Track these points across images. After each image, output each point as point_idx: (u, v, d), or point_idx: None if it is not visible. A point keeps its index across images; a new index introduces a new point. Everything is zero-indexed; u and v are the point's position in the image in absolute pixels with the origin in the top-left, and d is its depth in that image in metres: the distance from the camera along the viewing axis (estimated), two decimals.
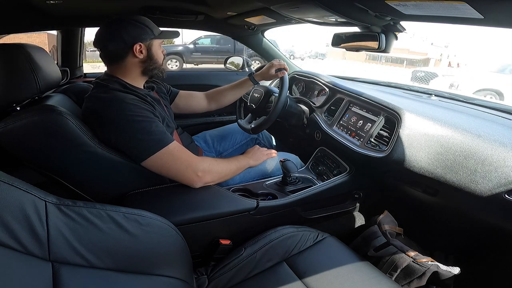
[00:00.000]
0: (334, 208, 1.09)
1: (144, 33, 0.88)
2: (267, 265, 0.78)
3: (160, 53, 0.94)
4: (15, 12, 1.10)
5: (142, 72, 0.92)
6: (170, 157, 0.82)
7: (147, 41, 0.89)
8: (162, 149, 0.81)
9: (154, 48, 0.91)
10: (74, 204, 0.53)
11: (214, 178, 0.90)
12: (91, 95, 0.85)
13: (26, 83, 0.77)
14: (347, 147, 1.06)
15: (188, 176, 0.85)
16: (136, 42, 0.86)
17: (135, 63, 0.89)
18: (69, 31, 1.58)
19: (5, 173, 0.47)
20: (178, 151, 0.84)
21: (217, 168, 0.91)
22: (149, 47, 0.90)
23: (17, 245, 0.44)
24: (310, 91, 1.50)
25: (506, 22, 0.66)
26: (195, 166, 0.85)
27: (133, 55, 0.87)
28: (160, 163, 0.82)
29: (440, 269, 0.83)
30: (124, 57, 0.88)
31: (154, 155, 0.80)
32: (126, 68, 0.89)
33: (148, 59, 0.91)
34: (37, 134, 0.72)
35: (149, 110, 0.84)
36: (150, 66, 0.92)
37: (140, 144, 0.80)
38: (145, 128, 0.80)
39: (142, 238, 0.60)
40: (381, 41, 0.95)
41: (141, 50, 0.88)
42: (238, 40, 1.81)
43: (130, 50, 0.87)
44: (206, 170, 0.87)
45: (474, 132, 0.76)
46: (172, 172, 0.85)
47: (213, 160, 0.92)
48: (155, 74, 0.95)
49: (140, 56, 0.88)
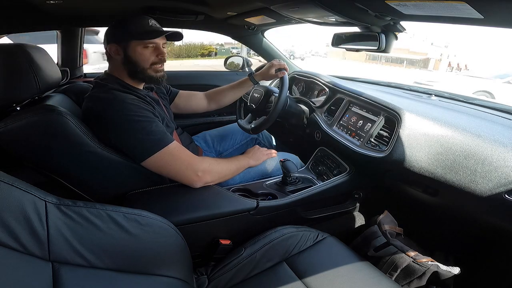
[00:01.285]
0: (334, 208, 1.09)
1: (119, 34, 0.86)
2: (267, 265, 0.78)
3: (143, 55, 0.86)
4: (15, 12, 1.10)
5: (128, 74, 0.89)
6: (170, 157, 0.82)
7: (122, 43, 0.85)
8: (162, 149, 0.81)
9: (132, 50, 0.85)
10: (74, 204, 0.53)
11: (214, 178, 0.90)
12: (91, 95, 0.85)
13: (26, 83, 0.77)
14: (347, 147, 1.06)
15: (188, 176, 0.85)
16: (110, 43, 0.86)
17: (119, 64, 0.88)
18: (69, 31, 1.58)
19: (5, 173, 0.47)
20: (178, 151, 0.84)
21: (217, 168, 0.91)
22: (124, 48, 0.86)
23: (17, 245, 0.44)
24: (310, 91, 1.50)
25: (506, 22, 0.66)
26: (195, 166, 0.85)
27: (113, 56, 0.87)
28: (160, 163, 0.82)
29: (440, 269, 0.83)
30: (109, 58, 0.89)
31: (154, 155, 0.80)
32: (117, 67, 0.89)
33: (127, 61, 0.87)
34: (37, 134, 0.72)
35: (149, 110, 0.84)
36: (133, 68, 0.88)
37: (140, 144, 0.80)
38: (145, 128, 0.80)
39: (142, 238, 0.60)
40: (381, 41, 0.95)
41: (118, 52, 0.86)
42: (238, 40, 1.81)
43: (108, 51, 0.87)
44: (206, 170, 0.87)
45: (474, 132, 0.76)
46: (172, 172, 0.84)
47: (213, 160, 0.92)
48: (140, 78, 0.90)
49: (117, 57, 0.87)
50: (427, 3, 0.64)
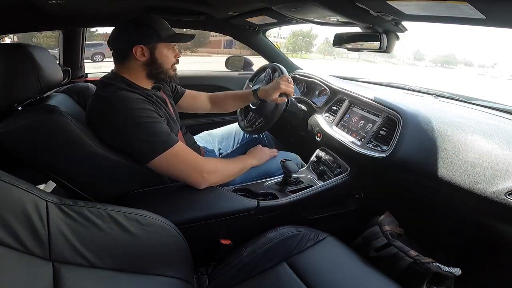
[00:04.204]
0: (334, 208, 1.08)
1: (146, 36, 0.85)
2: (267, 265, 0.78)
3: (168, 57, 0.90)
4: (17, 12, 1.10)
5: (147, 75, 0.89)
6: (175, 158, 0.82)
7: (150, 44, 0.85)
8: (167, 150, 0.80)
9: (159, 52, 0.87)
10: (75, 204, 0.53)
11: (219, 179, 0.90)
12: (97, 94, 0.85)
13: (27, 83, 0.77)
14: (348, 147, 1.06)
15: (193, 177, 0.85)
16: (136, 44, 0.84)
17: (138, 65, 0.87)
18: (71, 31, 1.59)
19: (6, 173, 0.47)
20: (183, 152, 0.84)
21: (222, 169, 0.91)
22: (152, 50, 0.86)
23: (17, 245, 0.44)
24: (311, 91, 1.49)
25: (508, 23, 0.65)
26: (200, 168, 0.85)
27: (134, 57, 0.85)
28: (165, 164, 0.82)
29: (441, 270, 0.82)
30: (127, 58, 0.86)
31: (159, 157, 0.80)
32: (131, 69, 0.88)
33: (151, 62, 0.87)
34: (38, 134, 0.72)
35: (154, 110, 0.84)
36: (154, 70, 0.89)
37: (146, 145, 0.80)
38: (150, 129, 0.80)
39: (143, 238, 0.60)
40: (383, 41, 0.95)
41: (143, 53, 0.85)
42: (239, 40, 1.81)
43: (131, 52, 0.84)
44: (212, 171, 0.87)
45: (475, 132, 0.76)
46: (177, 173, 0.85)
47: (218, 161, 0.92)
48: (161, 78, 0.92)
49: (142, 58, 0.86)
50: (429, 3, 0.64)
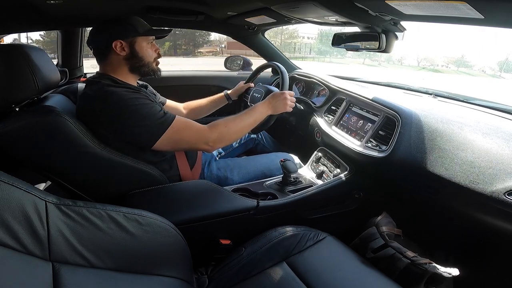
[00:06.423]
0: (334, 208, 1.09)
1: (124, 30, 0.87)
2: (267, 264, 0.78)
3: (148, 51, 0.92)
4: (15, 12, 1.10)
5: (130, 69, 0.92)
6: (178, 135, 0.85)
7: (128, 38, 0.88)
8: (168, 129, 0.83)
9: (138, 45, 0.90)
10: (75, 204, 0.53)
11: (227, 142, 0.95)
12: (85, 94, 0.85)
13: (24, 83, 0.77)
14: (347, 147, 1.06)
15: (200, 147, 0.90)
16: (115, 39, 0.86)
17: (119, 60, 0.89)
18: (69, 31, 1.58)
19: (6, 173, 0.47)
20: (184, 126, 0.86)
21: (228, 132, 0.92)
22: (131, 44, 0.89)
23: (17, 245, 0.44)
24: (310, 91, 1.49)
25: (507, 23, 0.66)
26: (204, 138, 0.88)
27: (115, 52, 0.87)
28: (169, 142, 0.84)
29: (438, 271, 0.82)
30: (107, 54, 0.88)
31: (161, 137, 0.82)
32: (114, 65, 0.89)
33: (132, 56, 0.89)
34: (36, 135, 0.72)
35: (143, 97, 0.85)
36: (136, 63, 0.91)
37: (145, 130, 0.81)
38: (146, 114, 0.81)
39: (143, 238, 0.59)
40: (382, 41, 0.95)
41: (123, 48, 0.88)
42: (238, 40, 1.81)
43: (111, 47, 0.87)
44: (217, 140, 0.90)
45: (474, 132, 0.76)
46: (184, 147, 0.90)
47: (222, 125, 0.91)
48: (144, 72, 0.94)
49: (122, 53, 0.88)
50: (428, 3, 0.64)
